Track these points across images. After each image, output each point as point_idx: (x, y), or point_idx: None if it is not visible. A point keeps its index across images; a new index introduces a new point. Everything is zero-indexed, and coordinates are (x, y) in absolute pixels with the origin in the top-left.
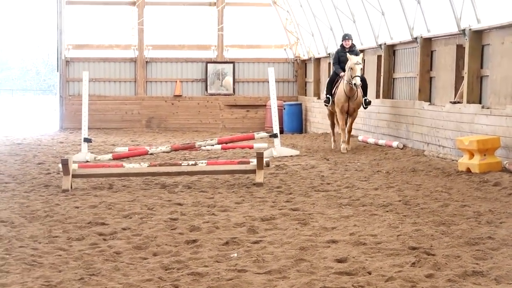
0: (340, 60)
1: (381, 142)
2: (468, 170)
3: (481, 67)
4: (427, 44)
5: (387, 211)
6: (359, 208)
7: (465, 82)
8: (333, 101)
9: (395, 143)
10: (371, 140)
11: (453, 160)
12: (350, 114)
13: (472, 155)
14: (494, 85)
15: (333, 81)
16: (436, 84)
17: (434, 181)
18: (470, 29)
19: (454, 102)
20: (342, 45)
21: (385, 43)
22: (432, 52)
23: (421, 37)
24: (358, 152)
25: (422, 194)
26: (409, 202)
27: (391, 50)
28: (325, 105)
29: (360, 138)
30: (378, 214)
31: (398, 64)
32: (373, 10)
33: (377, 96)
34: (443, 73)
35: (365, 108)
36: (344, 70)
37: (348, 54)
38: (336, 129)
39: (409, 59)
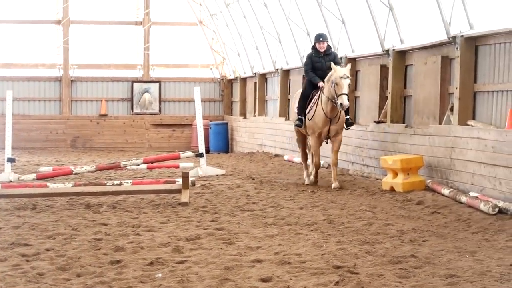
0: (314, 67)
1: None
2: (392, 189)
3: (405, 87)
4: (352, 64)
5: (312, 230)
6: (284, 227)
7: (389, 101)
8: (305, 124)
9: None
10: (296, 159)
11: (377, 179)
12: (333, 138)
13: (395, 174)
14: (417, 105)
15: (308, 96)
16: (361, 103)
17: (359, 200)
18: (393, 50)
19: (378, 122)
20: (315, 48)
21: None
22: (356, 72)
23: (346, 57)
24: (283, 172)
25: (347, 213)
26: (333, 221)
27: None
28: (297, 128)
29: (286, 158)
30: (303, 233)
31: None
32: (298, 30)
33: None
34: (368, 93)
35: (346, 129)
36: (322, 80)
37: (332, 64)
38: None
39: None
